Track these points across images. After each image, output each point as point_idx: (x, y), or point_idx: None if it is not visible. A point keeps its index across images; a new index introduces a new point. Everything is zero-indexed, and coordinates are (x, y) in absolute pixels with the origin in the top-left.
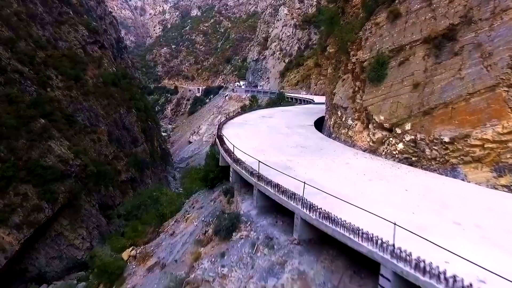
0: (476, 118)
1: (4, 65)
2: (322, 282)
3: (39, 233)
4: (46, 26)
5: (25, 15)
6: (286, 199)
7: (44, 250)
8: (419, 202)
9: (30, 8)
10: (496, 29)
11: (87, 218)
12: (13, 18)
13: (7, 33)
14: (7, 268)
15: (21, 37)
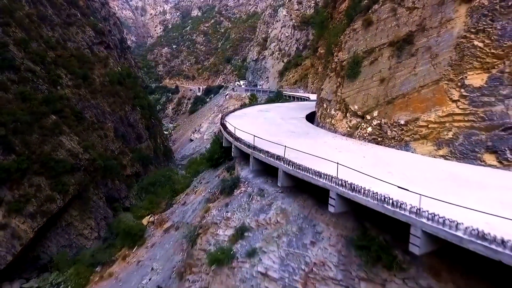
0: (425, 105)
1: (18, 65)
2: (297, 214)
3: (51, 222)
4: (55, 27)
5: (36, 17)
6: (273, 160)
7: (55, 239)
8: (369, 163)
9: (41, 11)
10: (442, 35)
11: (95, 209)
12: (25, 20)
13: (20, 34)
14: (21, 255)
15: (33, 38)
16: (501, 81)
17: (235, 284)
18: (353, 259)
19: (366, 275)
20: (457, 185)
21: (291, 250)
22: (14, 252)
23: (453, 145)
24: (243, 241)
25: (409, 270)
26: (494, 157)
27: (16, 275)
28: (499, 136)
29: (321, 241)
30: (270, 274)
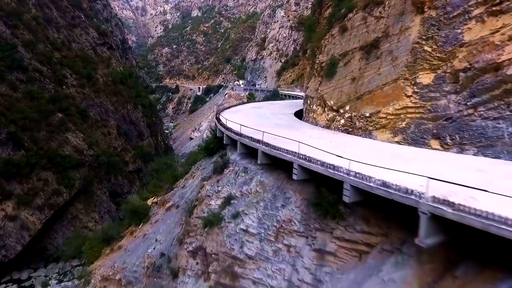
0: (386, 100)
1: (26, 65)
2: (272, 185)
3: (57, 215)
4: (60, 29)
5: (43, 20)
6: (254, 143)
7: (61, 231)
8: (333, 146)
9: (47, 13)
10: (401, 41)
11: (99, 203)
12: (33, 22)
13: (28, 36)
14: (29, 246)
15: (40, 39)
16: (444, 80)
17: (223, 239)
18: (311, 215)
19: (320, 225)
20: (392, 159)
21: (266, 212)
22: (23, 242)
23: (406, 132)
24: (229, 207)
25: (349, 219)
26: (438, 142)
27: (24, 265)
28: (442, 125)
29: (289, 204)
30: (250, 230)
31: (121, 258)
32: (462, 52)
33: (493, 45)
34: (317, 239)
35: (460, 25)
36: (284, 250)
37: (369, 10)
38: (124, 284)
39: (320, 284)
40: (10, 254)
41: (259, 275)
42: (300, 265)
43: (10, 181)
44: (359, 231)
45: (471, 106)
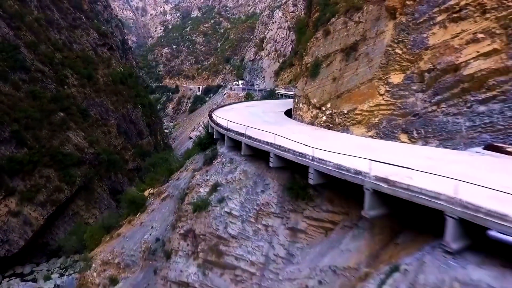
0: (362, 98)
1: (28, 66)
2: (253, 173)
3: (59, 211)
4: (62, 30)
5: (44, 21)
6: (238, 136)
7: (63, 227)
8: (310, 139)
9: (48, 15)
10: (376, 44)
11: (100, 200)
12: (35, 24)
13: (30, 37)
14: (32, 241)
15: (42, 40)
16: (412, 80)
17: (209, 221)
18: (286, 198)
19: (292, 207)
20: (358, 149)
21: (248, 197)
22: (26, 237)
23: (379, 127)
24: (216, 193)
25: (316, 201)
26: (406, 136)
27: (27, 260)
28: (410, 120)
29: (267, 189)
30: (233, 212)
31: (120, 244)
32: (427, 55)
33: (453, 48)
34: (290, 219)
35: (425, 30)
36: (262, 230)
37: (349, 15)
38: (122, 267)
39: (292, 258)
40: (14, 249)
41: (241, 251)
42: (276, 242)
43: (14, 178)
44: (325, 210)
45: (434, 103)
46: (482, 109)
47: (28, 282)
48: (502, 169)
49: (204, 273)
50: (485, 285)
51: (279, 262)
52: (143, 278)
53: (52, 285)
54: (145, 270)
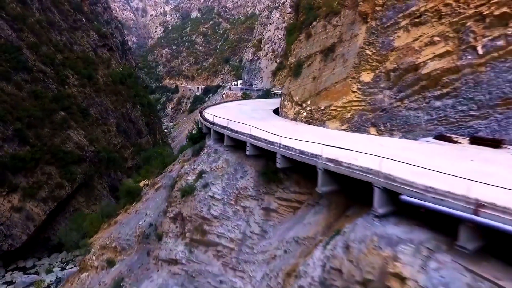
0: (337, 95)
1: (30, 66)
2: (234, 161)
3: (60, 207)
4: (63, 32)
5: (46, 23)
6: (222, 129)
7: (64, 223)
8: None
9: (49, 17)
10: (351, 46)
11: (100, 197)
12: (36, 26)
13: (32, 39)
14: (34, 235)
15: (43, 42)
16: (380, 78)
17: (195, 204)
18: (261, 182)
19: (266, 190)
20: (326, 139)
21: (229, 182)
22: (29, 232)
23: (351, 122)
24: (201, 180)
25: (285, 183)
26: (375, 129)
27: (29, 255)
28: (378, 115)
29: (246, 175)
30: (216, 196)
31: (117, 230)
32: (393, 56)
33: (414, 50)
34: (264, 200)
35: (392, 33)
36: (241, 211)
37: (328, 19)
38: (119, 250)
39: (265, 234)
40: (16, 243)
41: (222, 230)
42: (252, 221)
43: (16, 175)
44: (293, 191)
45: (399, 100)
46: (437, 104)
47: (30, 275)
48: (436, 153)
49: (190, 250)
50: (395, 237)
51: (254, 238)
52: (137, 259)
53: (53, 277)
54: (139, 252)
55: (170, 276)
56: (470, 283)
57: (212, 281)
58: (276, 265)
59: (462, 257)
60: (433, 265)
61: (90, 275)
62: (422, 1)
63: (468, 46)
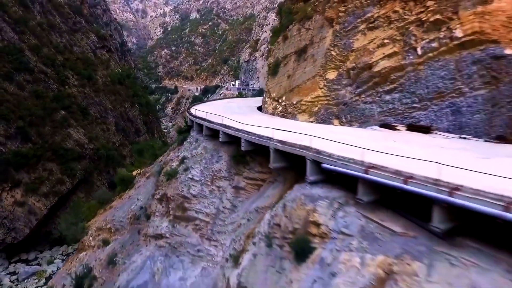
0: (307, 92)
1: (32, 67)
2: (211, 148)
3: (61, 202)
4: (63, 34)
5: (47, 26)
6: (202, 121)
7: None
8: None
9: (50, 20)
10: (320, 47)
11: None
12: (37, 28)
13: (34, 41)
14: (36, 229)
15: (44, 44)
16: (342, 76)
17: (177, 185)
18: (232, 165)
19: (236, 171)
20: (290, 127)
21: (206, 166)
22: (31, 226)
23: (318, 115)
24: (183, 164)
25: (251, 165)
26: (338, 121)
27: (31, 248)
28: (341, 108)
29: (220, 160)
30: (195, 178)
31: (111, 213)
32: (352, 56)
33: (369, 51)
34: (235, 180)
35: (352, 36)
36: (215, 190)
37: (302, 23)
38: (113, 231)
39: (235, 208)
40: (19, 236)
41: (199, 207)
42: (224, 198)
43: (19, 171)
44: (257, 171)
45: (357, 94)
46: (387, 98)
47: (32, 266)
48: (371, 137)
49: (173, 225)
50: (317, 195)
51: (226, 212)
52: (129, 237)
53: (55, 268)
54: (131, 232)
55: (156, 248)
56: (363, 224)
57: (191, 250)
58: (240, 231)
59: (362, 208)
60: (340, 214)
61: (87, 254)
62: (376, 8)
63: (410, 48)
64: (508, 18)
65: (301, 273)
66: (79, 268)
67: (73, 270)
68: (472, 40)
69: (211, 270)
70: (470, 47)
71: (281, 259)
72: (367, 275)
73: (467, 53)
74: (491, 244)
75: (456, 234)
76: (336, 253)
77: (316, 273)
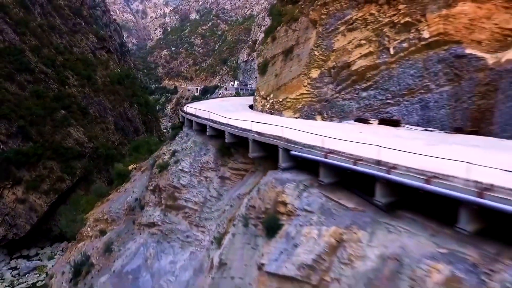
0: (292, 89)
1: (33, 68)
2: (200, 142)
3: (61, 200)
4: (63, 35)
5: (47, 27)
6: (192, 117)
7: (64, 214)
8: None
9: (50, 21)
10: (305, 47)
11: None
12: (38, 29)
13: (34, 42)
14: (37, 226)
15: (45, 45)
16: (324, 74)
17: (169, 176)
18: (218, 156)
19: (222, 162)
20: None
21: (195, 158)
22: (32, 222)
23: (302, 111)
24: (173, 157)
25: (235, 156)
26: (320, 117)
27: (32, 244)
28: (323, 105)
29: (208, 152)
30: (185, 169)
31: (108, 205)
32: (333, 56)
33: (347, 51)
34: (221, 171)
35: (333, 37)
36: (203, 180)
37: (289, 24)
38: (109, 222)
39: (220, 196)
40: (21, 233)
41: (189, 196)
42: (211, 187)
43: (20, 169)
44: (241, 162)
45: (337, 92)
46: (364, 94)
47: (33, 261)
48: (344, 129)
49: (165, 214)
50: (285, 179)
51: (212, 200)
52: (124, 227)
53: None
54: (126, 222)
55: (149, 236)
56: (323, 203)
57: (180, 236)
58: (224, 217)
59: (323, 189)
60: (305, 194)
61: (85, 244)
62: (355, 11)
63: (384, 48)
64: (470, 21)
65: (271, 247)
66: (78, 256)
67: (72, 258)
68: (438, 41)
69: (199, 253)
70: (436, 47)
71: (256, 236)
72: (322, 244)
73: (433, 53)
74: (425, 215)
75: (398, 207)
76: (300, 228)
77: (283, 245)
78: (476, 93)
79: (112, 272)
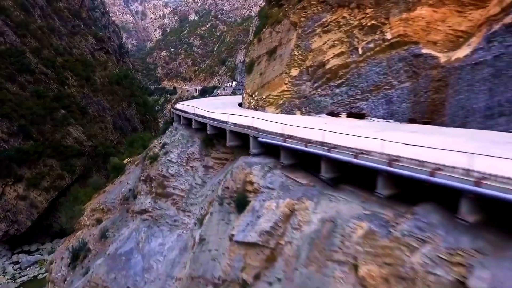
0: (275, 87)
1: (33, 68)
2: (187, 135)
3: (61, 197)
4: (63, 37)
5: (47, 29)
6: (180, 112)
7: (64, 211)
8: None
9: (50, 23)
10: (287, 48)
11: None
12: (38, 31)
13: (35, 43)
14: (37, 222)
15: (45, 46)
16: (303, 73)
17: (158, 167)
18: (203, 147)
19: (206, 153)
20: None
21: (183, 149)
22: (33, 218)
23: (283, 107)
24: (163, 149)
25: (217, 147)
26: (299, 112)
27: (33, 240)
28: (302, 101)
29: (194, 144)
30: (173, 160)
31: (104, 196)
32: (311, 56)
33: (323, 51)
34: (205, 160)
35: (311, 38)
36: (190, 169)
37: (273, 26)
38: (105, 211)
39: (204, 184)
40: (22, 229)
41: (176, 184)
42: (197, 176)
43: (21, 166)
44: (222, 152)
45: (314, 89)
46: (337, 91)
47: (34, 255)
48: (313, 121)
49: (155, 201)
50: (253, 162)
51: (197, 187)
52: (119, 216)
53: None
54: (121, 211)
55: (141, 222)
56: (283, 181)
57: (169, 221)
58: (206, 201)
59: (285, 170)
60: (269, 175)
61: (83, 232)
62: (329, 14)
63: (354, 48)
64: (426, 23)
65: (240, 221)
66: (76, 243)
67: (71, 245)
68: (399, 41)
69: (184, 235)
70: (397, 47)
71: (229, 213)
72: (278, 214)
73: (395, 52)
74: (361, 187)
75: (343, 182)
76: (263, 202)
77: (249, 218)
78: (430, 88)
79: (107, 255)
